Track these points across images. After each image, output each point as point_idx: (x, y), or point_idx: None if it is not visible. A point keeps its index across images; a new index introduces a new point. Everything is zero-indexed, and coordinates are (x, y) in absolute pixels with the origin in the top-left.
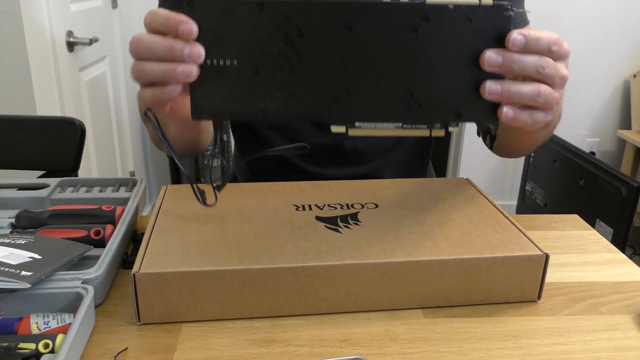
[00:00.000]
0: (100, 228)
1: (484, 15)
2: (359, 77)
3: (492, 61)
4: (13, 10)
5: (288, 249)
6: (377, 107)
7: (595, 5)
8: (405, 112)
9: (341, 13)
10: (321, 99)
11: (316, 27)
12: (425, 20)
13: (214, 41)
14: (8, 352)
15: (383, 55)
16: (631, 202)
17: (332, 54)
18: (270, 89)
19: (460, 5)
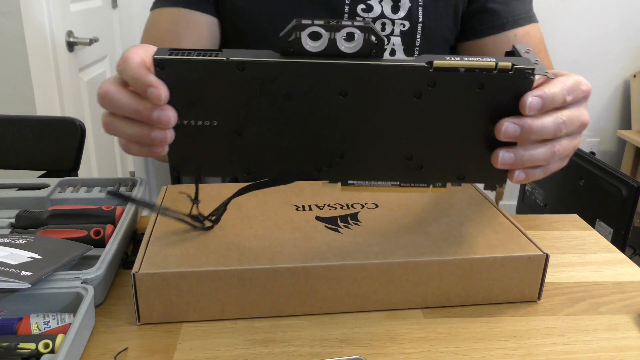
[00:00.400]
0: (100, 228)
1: (499, 80)
2: (353, 142)
3: (509, 133)
4: (13, 10)
5: (288, 249)
6: (372, 169)
7: (595, 5)
8: (403, 174)
9: (334, 76)
10: (312, 163)
11: (306, 91)
12: (431, 85)
13: (190, 102)
14: (8, 352)
15: (382, 121)
16: (631, 202)
17: (324, 118)
18: (255, 151)
19: (473, 70)
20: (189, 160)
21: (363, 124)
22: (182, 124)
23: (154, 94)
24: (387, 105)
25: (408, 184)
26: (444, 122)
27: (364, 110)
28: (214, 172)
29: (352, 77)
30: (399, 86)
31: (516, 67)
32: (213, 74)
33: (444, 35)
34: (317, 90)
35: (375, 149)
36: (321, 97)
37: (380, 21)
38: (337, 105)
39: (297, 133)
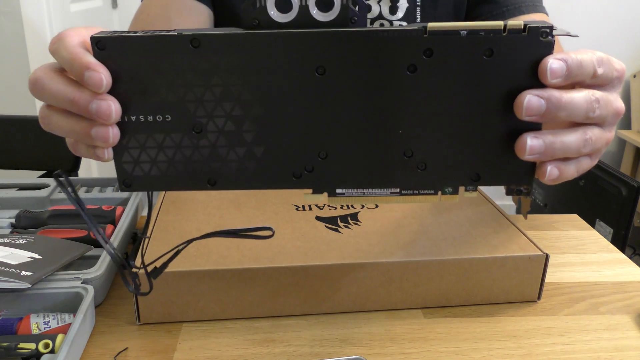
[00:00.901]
0: (100, 228)
1: (511, 44)
2: (338, 136)
3: (533, 108)
4: (13, 10)
5: (288, 249)
6: (365, 173)
7: (595, 5)
8: (403, 176)
9: (308, 50)
10: (288, 165)
11: (274, 69)
12: (427, 55)
13: (137, 92)
14: (8, 352)
15: (370, 104)
16: (631, 202)
17: (300, 103)
18: (218, 150)
19: (477, 31)
20: (139, 171)
21: (347, 111)
22: (129, 120)
23: (92, 77)
24: (374, 84)
25: (410, 191)
26: (447, 102)
27: (346, 92)
28: (169, 184)
29: (329, 49)
30: (388, 58)
31: (530, 27)
32: (163, 54)
33: None
34: (289, 69)
35: (365, 144)
36: (294, 77)
37: (379, 22)
38: (314, 87)
39: (268, 128)
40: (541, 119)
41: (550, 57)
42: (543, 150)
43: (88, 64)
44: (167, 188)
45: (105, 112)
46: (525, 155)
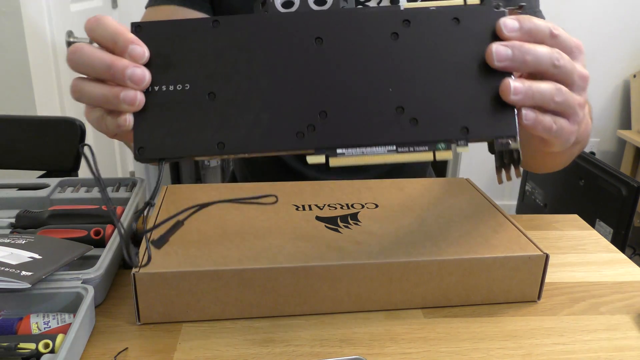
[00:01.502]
0: (100, 228)
1: (472, 16)
2: (336, 96)
3: (501, 54)
4: (13, 10)
5: (288, 249)
6: (362, 129)
7: (595, 5)
8: (398, 132)
9: (308, 25)
10: (292, 126)
11: (281, 42)
12: (406, 25)
13: (164, 67)
14: (8, 352)
15: (362, 67)
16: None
17: (302, 71)
18: (228, 117)
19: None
20: (155, 136)
21: (343, 73)
22: (152, 90)
23: (135, 50)
24: (364, 49)
25: (406, 148)
26: (429, 62)
27: (342, 58)
28: (181, 150)
29: (324, 25)
30: (374, 28)
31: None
32: (189, 34)
33: None
34: (292, 42)
35: (361, 102)
36: (297, 47)
37: None
38: (314, 54)
39: (273, 90)
40: (511, 63)
41: (505, 17)
42: (524, 90)
43: (132, 39)
44: (179, 154)
45: (140, 77)
46: (510, 95)
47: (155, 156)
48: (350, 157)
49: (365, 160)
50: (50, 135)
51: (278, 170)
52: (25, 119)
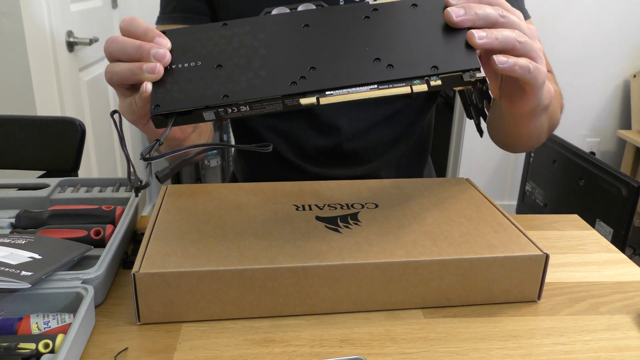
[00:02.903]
0: (100, 228)
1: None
2: (322, 57)
3: (456, 12)
4: (13, 10)
5: (288, 249)
6: (346, 76)
7: (595, 5)
8: (377, 75)
9: (298, 19)
10: (286, 77)
11: (276, 28)
12: (374, 11)
13: (181, 53)
14: (8, 352)
15: (342, 38)
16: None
17: (294, 43)
18: (232, 76)
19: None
20: (169, 94)
21: (327, 43)
22: (170, 68)
23: (161, 41)
24: (343, 27)
25: (385, 85)
26: (397, 30)
27: (325, 34)
28: (191, 101)
29: (310, 17)
30: (349, 15)
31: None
32: (202, 31)
33: None
34: (286, 28)
35: (343, 58)
36: (289, 30)
37: None
38: (303, 33)
39: (271, 56)
40: (466, 16)
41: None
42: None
43: (160, 33)
44: (188, 105)
45: (162, 54)
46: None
47: (168, 109)
48: (337, 95)
49: (351, 97)
50: (50, 135)
51: (279, 166)
52: (25, 119)
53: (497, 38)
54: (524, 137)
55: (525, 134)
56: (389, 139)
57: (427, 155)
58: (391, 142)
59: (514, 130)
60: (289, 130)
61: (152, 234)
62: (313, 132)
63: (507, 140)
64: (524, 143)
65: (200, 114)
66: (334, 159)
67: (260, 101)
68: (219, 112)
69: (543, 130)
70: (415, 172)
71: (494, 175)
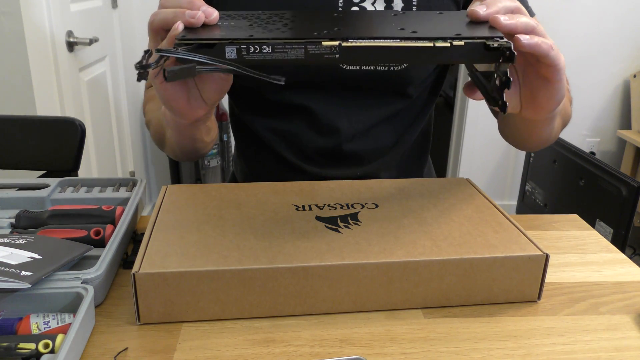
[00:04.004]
0: (100, 228)
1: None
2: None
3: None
4: (13, 10)
5: (288, 249)
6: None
7: (595, 5)
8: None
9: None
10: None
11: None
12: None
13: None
14: (8, 352)
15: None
16: (631, 202)
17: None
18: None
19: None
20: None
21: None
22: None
23: (208, 10)
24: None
25: (408, 40)
26: (423, 18)
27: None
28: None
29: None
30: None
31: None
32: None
33: None
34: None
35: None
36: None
37: None
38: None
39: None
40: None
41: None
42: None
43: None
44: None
45: (210, 11)
46: (501, 21)
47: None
48: (360, 42)
49: (374, 43)
50: (50, 135)
51: (278, 166)
52: (25, 119)
53: (520, 21)
54: (537, 140)
55: (539, 136)
56: (388, 140)
57: (427, 155)
58: (391, 143)
59: (528, 135)
60: (288, 130)
61: (152, 234)
62: (313, 133)
63: (519, 141)
64: (537, 144)
65: (223, 49)
66: (333, 160)
67: (284, 44)
68: (241, 49)
69: (557, 130)
70: (415, 172)
71: (494, 175)
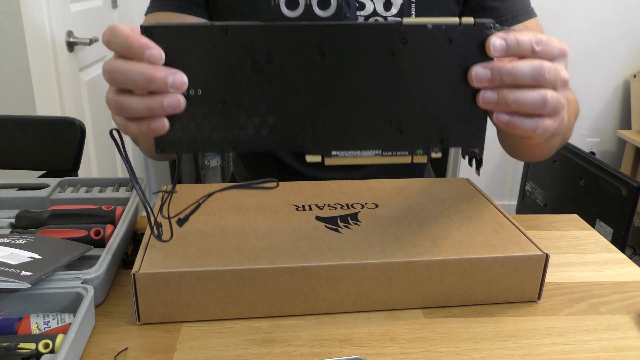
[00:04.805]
0: (100, 228)
1: (465, 35)
2: (334, 104)
3: (480, 76)
4: (13, 10)
5: (288, 249)
6: (354, 135)
7: (595, 5)
8: (384, 139)
9: (312, 37)
10: (294, 129)
11: (286, 52)
12: (403, 42)
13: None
14: (8, 352)
15: (359, 80)
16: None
17: (304, 79)
18: (238, 119)
19: (440, 25)
20: (174, 133)
21: (342, 84)
22: None
23: (153, 54)
24: (363, 63)
25: (390, 152)
26: (419, 79)
27: (342, 70)
28: (197, 146)
29: (328, 37)
30: (374, 44)
31: (478, 21)
32: (199, 40)
33: None
34: (297, 52)
35: (355, 113)
36: (301, 58)
37: (373, 19)
38: (316, 66)
39: (278, 96)
40: (490, 83)
41: (493, 37)
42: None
43: (146, 43)
44: (196, 150)
45: (181, 82)
46: (480, 102)
47: (174, 152)
48: (342, 158)
49: (355, 161)
50: (50, 135)
51: (277, 169)
52: (25, 119)
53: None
54: (534, 155)
55: (535, 152)
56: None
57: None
58: None
59: (524, 150)
60: None
61: (151, 234)
62: None
63: (516, 154)
64: (534, 158)
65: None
66: None
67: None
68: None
69: (552, 150)
70: (415, 175)
71: (494, 175)
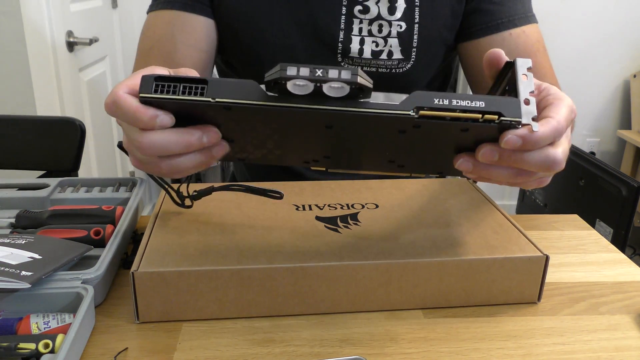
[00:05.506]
0: (100, 228)
1: (484, 127)
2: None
3: (487, 156)
4: (13, 10)
5: (287, 249)
6: (358, 165)
7: (595, 5)
8: (386, 169)
9: (319, 118)
10: (299, 157)
11: (292, 126)
12: (416, 127)
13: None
14: (8, 352)
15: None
16: (631, 202)
17: (311, 139)
18: (246, 148)
19: (460, 119)
20: None
21: (348, 146)
22: None
23: (163, 121)
24: (371, 138)
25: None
26: (426, 144)
27: (348, 138)
28: None
29: (337, 119)
30: (384, 127)
31: (502, 120)
32: (200, 110)
33: (441, 36)
34: (303, 125)
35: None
36: (307, 129)
37: (378, 23)
38: (322, 133)
39: (285, 147)
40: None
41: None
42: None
43: (154, 114)
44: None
45: (215, 136)
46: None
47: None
48: (344, 171)
49: (356, 170)
50: (50, 135)
51: (278, 170)
52: (25, 119)
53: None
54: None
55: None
56: None
57: None
58: None
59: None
60: None
61: (151, 234)
62: None
63: None
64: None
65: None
66: None
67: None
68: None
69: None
70: None
71: None
